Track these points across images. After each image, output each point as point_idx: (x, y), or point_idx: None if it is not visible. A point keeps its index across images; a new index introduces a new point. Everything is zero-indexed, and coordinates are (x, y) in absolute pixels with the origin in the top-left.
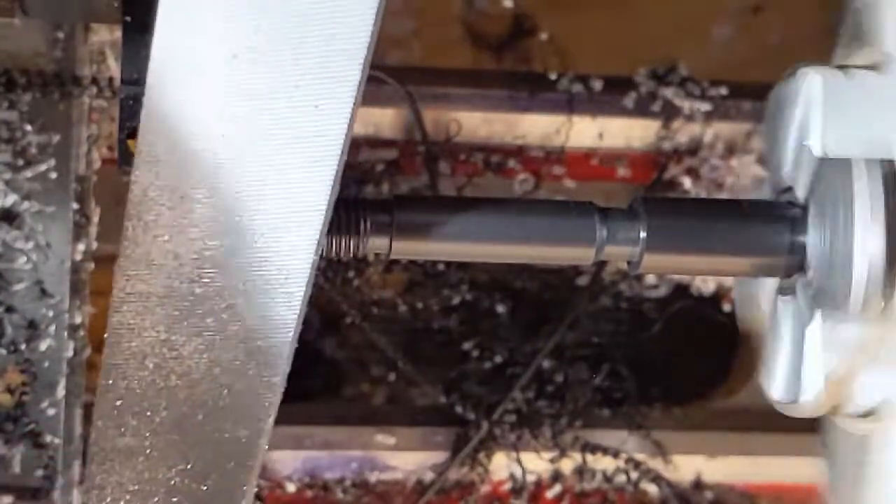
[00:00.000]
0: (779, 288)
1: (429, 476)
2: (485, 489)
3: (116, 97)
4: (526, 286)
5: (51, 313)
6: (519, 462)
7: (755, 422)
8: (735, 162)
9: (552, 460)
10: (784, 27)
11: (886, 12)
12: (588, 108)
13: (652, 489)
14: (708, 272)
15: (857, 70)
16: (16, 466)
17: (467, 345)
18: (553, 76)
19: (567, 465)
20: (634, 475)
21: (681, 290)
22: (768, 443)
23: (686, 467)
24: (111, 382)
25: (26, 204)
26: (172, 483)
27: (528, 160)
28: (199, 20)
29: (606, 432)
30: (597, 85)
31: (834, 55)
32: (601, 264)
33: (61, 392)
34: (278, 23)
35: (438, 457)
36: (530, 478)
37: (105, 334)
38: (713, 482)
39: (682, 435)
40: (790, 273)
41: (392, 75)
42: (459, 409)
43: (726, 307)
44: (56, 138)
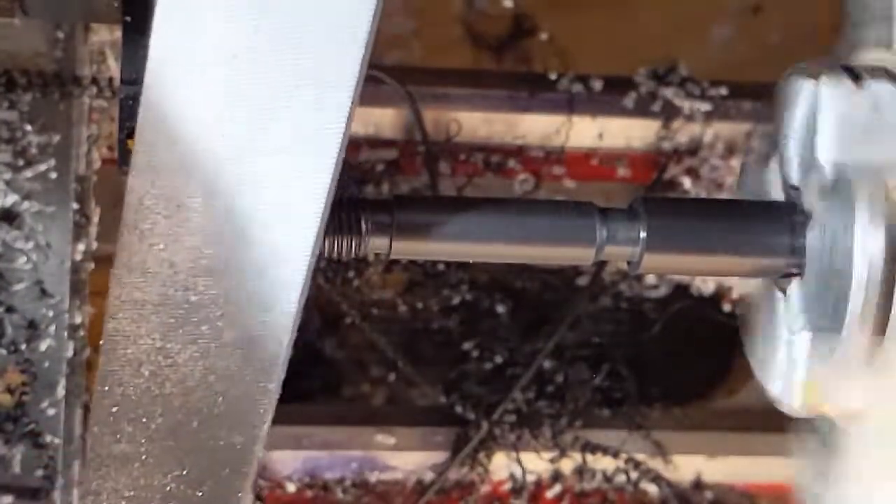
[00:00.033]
0: (779, 286)
1: (429, 476)
2: (485, 489)
3: (116, 97)
4: (526, 286)
5: (51, 313)
6: (519, 462)
7: (755, 422)
8: (735, 162)
9: (552, 460)
10: (784, 27)
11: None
12: (588, 108)
13: (652, 489)
14: (708, 272)
15: (868, 80)
16: (16, 466)
17: (467, 345)
18: (553, 76)
19: (567, 465)
20: (634, 475)
21: (681, 290)
22: (768, 443)
23: (686, 467)
24: (107, 389)
25: (26, 204)
26: (168, 489)
27: (528, 160)
28: (198, 21)
29: (606, 432)
30: (597, 85)
31: (839, 46)
32: (601, 264)
33: (61, 392)
34: (278, 23)
35: (438, 457)
36: (530, 478)
37: (101, 341)
38: (713, 482)
39: (682, 435)
40: (789, 273)
41: (392, 75)
42: (459, 409)
43: (726, 307)
44: (56, 138)
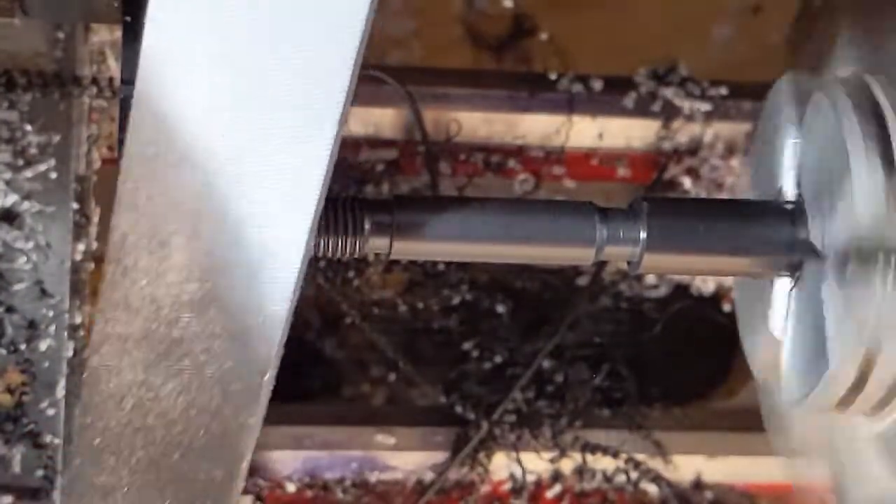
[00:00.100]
0: (783, 285)
1: (429, 476)
2: (485, 489)
3: (116, 97)
4: (526, 286)
5: (51, 313)
6: (519, 462)
7: (755, 422)
8: (735, 162)
9: (552, 460)
10: (784, 27)
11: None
12: (588, 108)
13: (652, 489)
14: (708, 272)
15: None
16: (16, 466)
17: (467, 345)
18: (553, 76)
19: (567, 465)
20: (634, 475)
21: (681, 290)
22: (768, 443)
23: (686, 467)
24: (89, 421)
25: (26, 204)
26: None
27: (528, 160)
28: (187, 46)
29: (606, 432)
30: (597, 85)
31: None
32: (601, 264)
33: (61, 392)
34: (265, 29)
35: (438, 457)
36: (530, 478)
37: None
38: (713, 482)
39: (682, 435)
40: (794, 269)
41: (392, 75)
42: (459, 409)
43: (726, 307)
44: (56, 138)
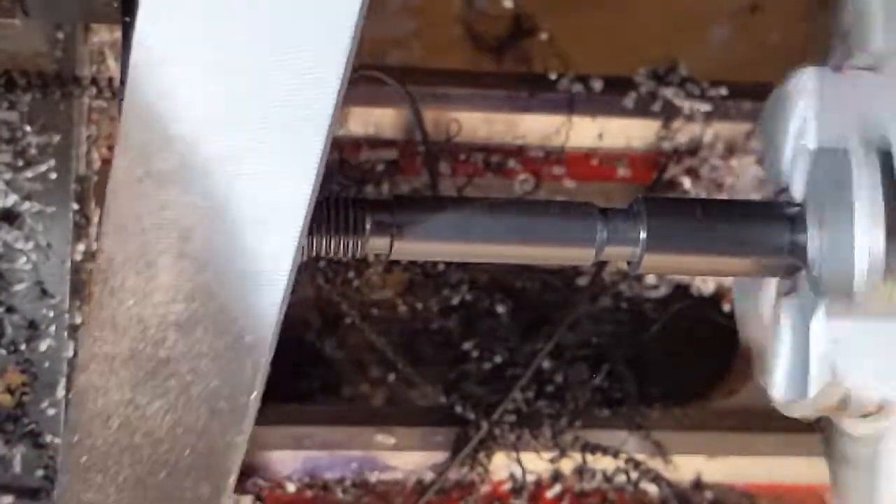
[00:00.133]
0: (779, 287)
1: (429, 476)
2: (485, 489)
3: (116, 97)
4: (526, 286)
5: (51, 313)
6: (519, 462)
7: (755, 422)
8: (735, 162)
9: (552, 460)
10: (784, 27)
11: (873, 17)
12: (588, 108)
13: (652, 489)
14: (708, 272)
15: (852, 70)
16: (16, 466)
17: (467, 345)
18: (553, 76)
19: (567, 465)
20: (634, 475)
21: (681, 290)
22: (768, 443)
23: (686, 467)
24: (77, 440)
25: (27, 204)
26: None
27: (528, 160)
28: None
29: (606, 432)
30: (597, 85)
31: (831, 59)
32: (601, 264)
33: (61, 392)
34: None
35: (438, 457)
36: (530, 478)
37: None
38: (713, 482)
39: (682, 435)
40: (791, 272)
41: (392, 75)
42: (459, 409)
43: (726, 307)
44: (56, 138)
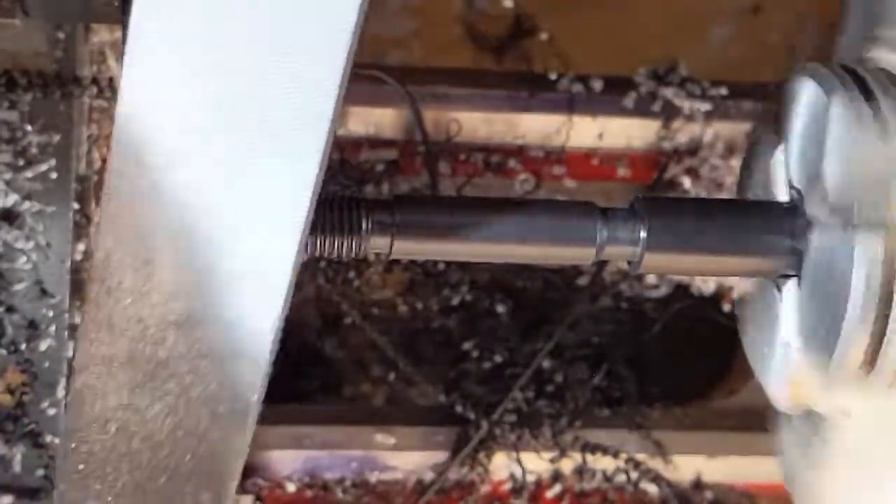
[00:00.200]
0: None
1: (429, 476)
2: (485, 489)
3: (116, 97)
4: (526, 286)
5: (51, 313)
6: (519, 462)
7: (755, 422)
8: (735, 162)
9: (552, 460)
10: (784, 27)
11: None
12: (588, 108)
13: (652, 489)
14: (708, 272)
15: (879, 99)
16: (16, 466)
17: (467, 345)
18: (553, 76)
19: (567, 465)
20: (634, 475)
21: (681, 290)
22: (768, 443)
23: (686, 467)
24: (73, 447)
25: (27, 204)
26: None
27: (529, 160)
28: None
29: (606, 432)
30: (597, 85)
31: (837, 47)
32: (601, 264)
33: (61, 392)
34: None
35: (438, 457)
36: (530, 478)
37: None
38: (713, 482)
39: (682, 435)
40: (788, 274)
41: (392, 75)
42: (459, 409)
43: (726, 307)
44: (57, 138)
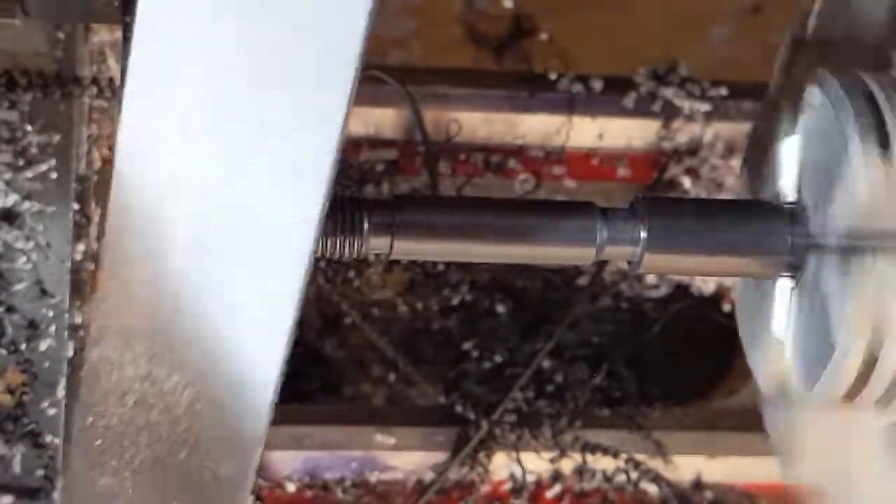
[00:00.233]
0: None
1: (429, 476)
2: (485, 489)
3: (117, 97)
4: (526, 286)
5: (51, 313)
6: (519, 462)
7: (755, 422)
8: (735, 162)
9: (552, 460)
10: (784, 27)
11: None
12: (588, 108)
13: (652, 489)
14: (708, 272)
15: None
16: (16, 466)
17: (467, 345)
18: (553, 76)
19: (567, 465)
20: (634, 475)
21: (681, 290)
22: (768, 443)
23: (686, 467)
24: (90, 421)
25: (27, 204)
26: None
27: (529, 160)
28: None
29: (606, 432)
30: (597, 85)
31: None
32: (601, 264)
33: (61, 392)
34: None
35: (438, 457)
36: (530, 478)
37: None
38: (713, 482)
39: (682, 435)
40: (795, 268)
41: (392, 75)
42: (459, 409)
43: (726, 307)
44: (57, 138)
